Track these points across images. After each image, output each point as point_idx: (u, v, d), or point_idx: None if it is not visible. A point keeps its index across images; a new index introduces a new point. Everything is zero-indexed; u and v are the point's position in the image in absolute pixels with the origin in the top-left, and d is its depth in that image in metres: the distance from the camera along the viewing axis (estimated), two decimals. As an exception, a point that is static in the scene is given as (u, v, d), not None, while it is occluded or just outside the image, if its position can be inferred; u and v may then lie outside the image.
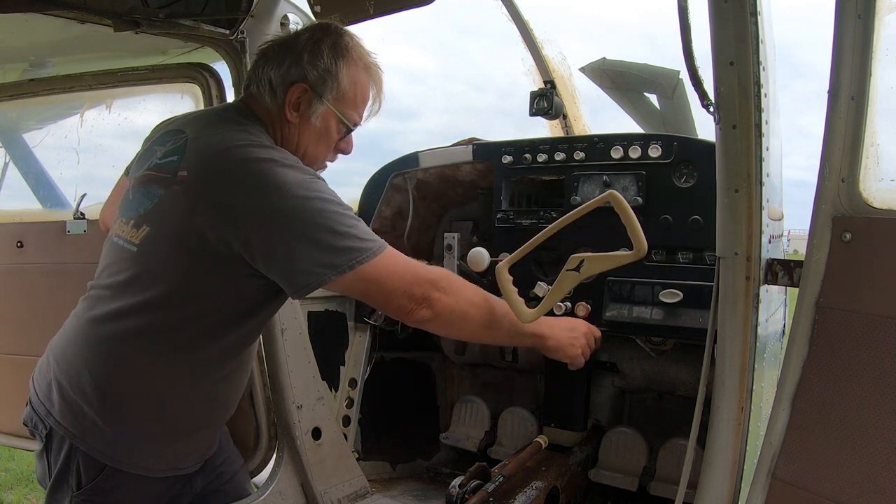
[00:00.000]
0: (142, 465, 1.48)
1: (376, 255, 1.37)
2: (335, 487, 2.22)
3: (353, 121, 1.55)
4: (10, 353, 2.63)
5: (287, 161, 1.39)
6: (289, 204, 1.32)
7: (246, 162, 1.36)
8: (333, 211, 1.35)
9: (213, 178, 1.38)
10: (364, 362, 2.52)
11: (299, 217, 1.33)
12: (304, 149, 1.53)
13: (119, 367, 1.43)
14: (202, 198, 1.36)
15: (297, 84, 1.47)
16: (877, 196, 1.20)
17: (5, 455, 4.28)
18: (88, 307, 1.50)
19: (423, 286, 1.42)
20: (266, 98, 1.50)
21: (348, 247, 1.35)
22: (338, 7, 1.77)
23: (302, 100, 1.48)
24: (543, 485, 1.89)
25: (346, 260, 1.34)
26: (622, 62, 2.68)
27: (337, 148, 1.59)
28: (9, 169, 2.90)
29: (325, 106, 1.48)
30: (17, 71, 2.43)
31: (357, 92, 1.52)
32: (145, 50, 2.21)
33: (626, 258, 1.56)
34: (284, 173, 1.35)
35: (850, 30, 1.16)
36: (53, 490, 1.49)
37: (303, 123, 1.50)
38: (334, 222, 1.34)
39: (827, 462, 1.24)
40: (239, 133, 1.42)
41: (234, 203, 1.34)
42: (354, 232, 1.37)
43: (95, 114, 2.65)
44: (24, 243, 2.57)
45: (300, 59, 1.47)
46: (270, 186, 1.33)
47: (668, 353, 2.18)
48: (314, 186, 1.37)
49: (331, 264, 1.33)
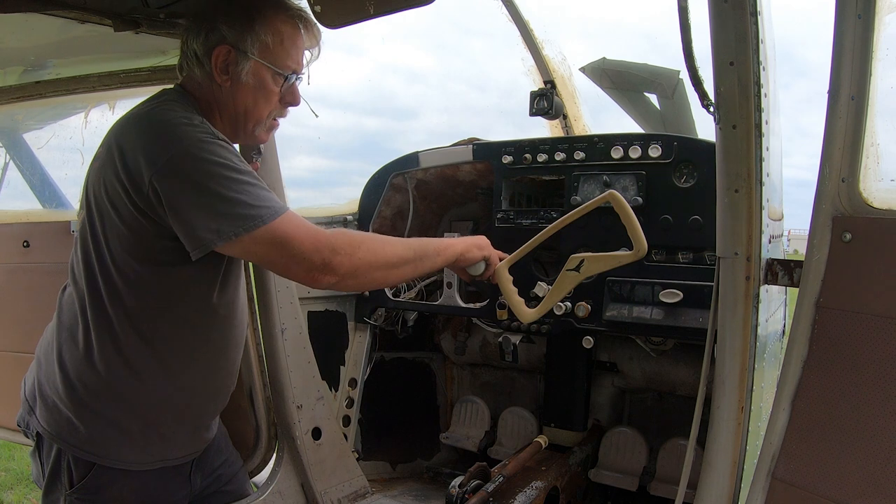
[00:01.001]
0: (127, 460, 1.47)
1: (266, 222, 1.34)
2: (335, 487, 2.22)
3: (290, 68, 1.52)
4: (16, 350, 2.65)
5: (189, 121, 1.38)
6: (183, 160, 1.31)
7: (147, 120, 1.38)
8: (226, 176, 1.33)
9: (115, 142, 1.40)
10: (364, 362, 2.52)
11: (191, 178, 1.32)
12: (244, 109, 1.51)
13: (80, 360, 1.43)
14: (108, 162, 1.38)
15: (219, 47, 1.46)
16: (877, 196, 1.19)
17: (5, 455, 4.28)
18: (60, 306, 1.53)
19: (323, 252, 1.39)
20: (196, 71, 1.50)
21: (237, 213, 1.32)
22: (338, 7, 1.76)
23: (228, 61, 1.46)
24: (543, 485, 1.89)
25: (231, 227, 1.32)
26: (622, 62, 2.68)
27: (283, 101, 1.56)
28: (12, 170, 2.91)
29: (252, 60, 1.47)
30: (16, 72, 2.43)
31: (283, 38, 1.50)
32: (145, 50, 2.21)
33: (626, 258, 1.56)
34: (183, 129, 1.35)
35: (850, 30, 1.16)
36: (48, 490, 1.49)
37: (235, 84, 1.48)
38: (224, 187, 1.32)
39: (827, 462, 1.23)
40: (152, 105, 1.45)
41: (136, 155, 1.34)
42: (244, 198, 1.33)
43: (99, 115, 2.66)
44: (31, 243, 2.59)
45: (216, 23, 1.46)
46: (167, 139, 1.33)
47: (668, 353, 2.18)
48: (211, 149, 1.35)
49: (217, 230, 1.32)
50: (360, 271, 1.45)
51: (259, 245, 1.35)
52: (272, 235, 1.35)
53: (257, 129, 1.55)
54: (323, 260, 1.39)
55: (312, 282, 1.42)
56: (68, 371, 1.44)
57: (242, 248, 1.36)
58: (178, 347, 1.50)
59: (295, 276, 1.45)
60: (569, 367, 2.28)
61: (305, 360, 2.19)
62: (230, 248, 1.35)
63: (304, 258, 1.38)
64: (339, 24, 1.65)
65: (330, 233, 1.43)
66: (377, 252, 1.49)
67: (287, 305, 2.11)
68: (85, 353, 1.43)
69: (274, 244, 1.36)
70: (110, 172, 1.37)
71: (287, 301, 2.11)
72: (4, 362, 2.69)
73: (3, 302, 2.68)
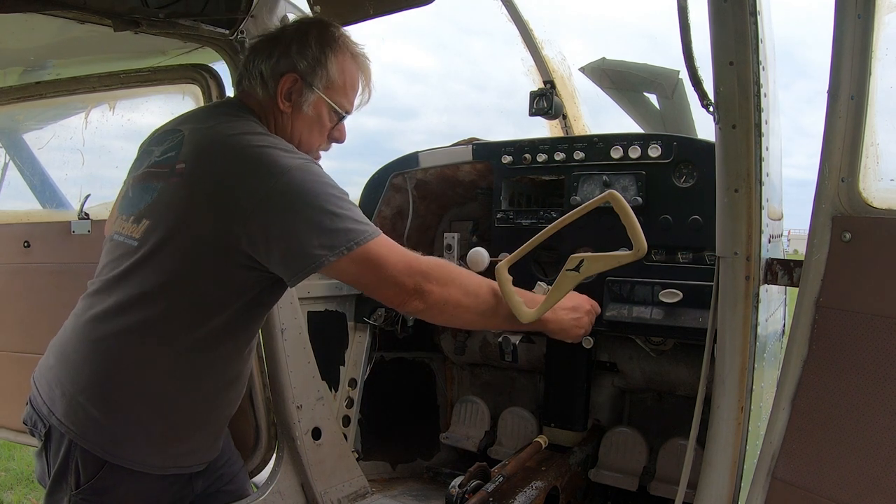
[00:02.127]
0: (142, 462, 1.48)
1: (372, 237, 1.38)
2: (335, 487, 2.22)
3: (345, 108, 1.59)
4: (17, 350, 2.65)
5: (283, 146, 1.41)
6: (286, 187, 1.34)
7: (242, 148, 1.39)
8: (330, 194, 1.37)
9: (210, 166, 1.40)
10: (364, 362, 2.52)
11: (297, 200, 1.34)
12: (299, 137, 1.56)
13: (119, 363, 1.43)
14: (200, 185, 1.39)
15: (288, 74, 1.50)
16: (877, 196, 1.19)
17: (5, 455, 4.28)
18: (88, 305, 1.50)
19: (415, 276, 1.42)
20: (258, 91, 1.53)
21: (346, 228, 1.35)
22: (338, 7, 1.77)
23: (293, 89, 1.51)
24: (543, 485, 1.89)
25: (343, 241, 1.34)
26: (622, 62, 2.68)
27: (330, 136, 1.62)
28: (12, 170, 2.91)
29: (316, 94, 1.52)
30: (16, 73, 2.43)
31: (346, 80, 1.56)
32: (145, 50, 2.21)
33: (625, 258, 1.56)
34: (281, 157, 1.37)
35: (850, 29, 1.16)
36: (52, 490, 1.49)
37: (295, 113, 1.53)
38: (332, 204, 1.35)
39: (827, 462, 1.23)
40: (234, 123, 1.46)
41: (232, 188, 1.35)
42: (351, 214, 1.38)
43: (99, 115, 2.66)
44: (31, 243, 2.59)
45: (289, 50, 1.51)
46: (267, 170, 1.35)
47: (668, 353, 2.18)
48: (311, 169, 1.39)
49: (329, 245, 1.34)
50: (450, 306, 1.47)
51: (356, 264, 1.37)
52: (369, 254, 1.37)
53: None
54: (415, 285, 1.41)
55: (401, 305, 1.44)
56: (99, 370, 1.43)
57: (341, 267, 1.37)
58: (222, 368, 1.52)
59: (386, 298, 1.46)
60: (569, 367, 2.27)
61: (305, 360, 2.19)
62: (329, 269, 1.37)
63: (396, 281, 1.40)
64: (339, 24, 1.65)
65: (424, 259, 1.46)
66: (470, 293, 1.51)
67: (287, 305, 2.11)
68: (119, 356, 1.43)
69: (370, 263, 1.38)
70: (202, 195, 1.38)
71: (287, 301, 2.11)
72: (4, 362, 2.69)
73: (4, 302, 2.68)
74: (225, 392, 1.59)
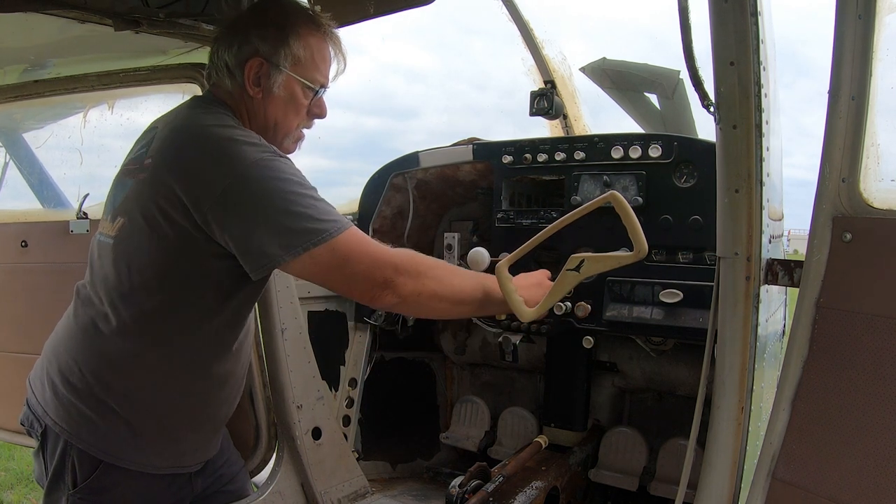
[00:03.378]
0: (138, 462, 1.48)
1: (333, 236, 1.34)
2: (335, 487, 2.22)
3: (318, 82, 1.55)
4: (14, 351, 2.64)
5: (248, 139, 1.39)
6: (245, 183, 1.32)
7: (205, 139, 1.38)
8: (290, 191, 1.33)
9: (173, 157, 1.39)
10: (364, 362, 2.52)
11: (256, 197, 1.32)
12: (275, 121, 1.53)
13: (106, 361, 1.44)
14: (164, 177, 1.38)
15: (252, 59, 1.47)
16: (877, 196, 1.20)
17: (5, 455, 4.28)
18: (77, 306, 1.52)
19: (385, 270, 1.38)
20: (227, 82, 1.51)
21: (304, 228, 1.32)
22: (338, 7, 1.77)
23: (260, 73, 1.48)
24: (543, 485, 1.89)
25: (300, 241, 1.31)
26: (622, 62, 2.68)
27: (310, 113, 1.58)
28: (11, 169, 2.91)
29: (284, 74, 1.49)
30: (16, 71, 2.42)
31: (313, 53, 1.52)
32: (145, 50, 2.21)
33: (626, 259, 1.56)
34: (243, 150, 1.35)
35: (850, 30, 1.16)
36: (50, 489, 1.49)
37: (266, 96, 1.50)
38: (290, 202, 1.32)
39: (827, 462, 1.23)
40: (203, 116, 1.45)
41: (193, 180, 1.34)
42: (311, 213, 1.33)
43: (98, 114, 2.66)
44: (28, 243, 2.58)
45: (249, 36, 1.48)
46: (228, 163, 1.33)
47: (668, 353, 2.18)
48: (273, 165, 1.35)
49: (286, 245, 1.31)
50: (424, 298, 1.43)
51: (321, 261, 1.34)
52: (335, 250, 1.34)
53: (286, 141, 1.57)
54: (385, 278, 1.37)
55: (373, 300, 1.40)
56: (89, 370, 1.43)
57: (303, 266, 1.34)
58: (207, 363, 1.50)
59: (357, 295, 1.44)
60: (569, 367, 2.28)
61: (305, 360, 2.19)
62: (294, 265, 1.34)
63: (364, 276, 1.36)
64: (339, 24, 1.65)
65: (394, 251, 1.42)
66: (444, 282, 1.48)
67: (287, 305, 2.11)
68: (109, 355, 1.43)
69: (336, 259, 1.35)
70: (165, 187, 1.36)
71: (287, 301, 2.11)
72: (2, 363, 2.69)
73: (1, 302, 2.68)
74: (217, 391, 1.57)
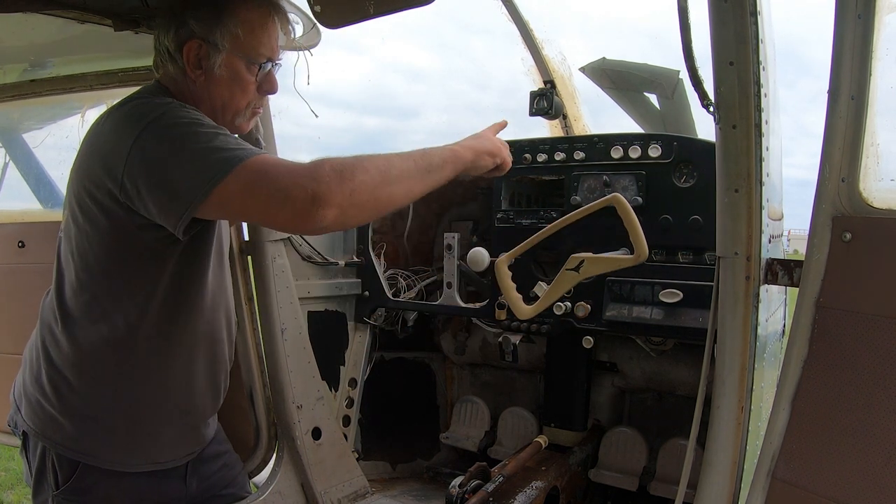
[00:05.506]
0: (113, 461, 1.46)
1: (236, 164, 1.22)
2: (335, 487, 2.22)
3: (263, 56, 1.48)
4: (10, 352, 2.63)
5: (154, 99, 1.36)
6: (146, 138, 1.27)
7: (116, 111, 1.37)
8: (189, 132, 1.27)
9: (92, 141, 1.40)
10: (364, 362, 2.52)
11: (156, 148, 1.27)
12: (221, 102, 1.48)
13: (65, 359, 1.43)
14: (85, 160, 1.39)
15: (189, 41, 1.43)
16: (877, 196, 1.19)
17: (5, 455, 4.28)
18: (44, 304, 1.53)
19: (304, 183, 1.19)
20: (170, 68, 1.48)
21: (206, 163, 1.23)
22: (338, 7, 1.76)
23: (200, 55, 1.44)
24: (543, 485, 1.89)
25: (205, 178, 1.22)
26: (622, 62, 2.68)
27: (260, 90, 1.53)
28: (9, 169, 2.91)
29: (224, 53, 1.44)
30: (16, 71, 2.42)
31: (254, 27, 1.45)
32: (145, 50, 2.21)
33: (625, 262, 1.56)
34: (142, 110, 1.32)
35: (850, 29, 1.16)
36: (36, 491, 1.49)
37: (209, 78, 1.46)
38: (187, 145, 1.25)
39: (827, 462, 1.23)
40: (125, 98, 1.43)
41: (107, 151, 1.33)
42: (214, 144, 1.24)
43: (96, 114, 2.65)
44: (26, 243, 2.58)
45: (184, 18, 1.44)
46: (131, 124, 1.31)
47: (668, 353, 2.18)
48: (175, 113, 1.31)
49: (192, 186, 1.23)
50: (359, 196, 1.23)
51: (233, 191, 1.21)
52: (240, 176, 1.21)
53: (237, 120, 1.52)
54: (308, 193, 1.18)
55: (307, 223, 1.21)
56: (51, 368, 1.44)
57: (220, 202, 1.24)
58: (156, 346, 1.47)
59: (285, 223, 1.28)
60: (569, 367, 2.28)
61: (305, 360, 2.19)
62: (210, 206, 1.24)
63: (285, 196, 1.19)
64: (340, 24, 1.65)
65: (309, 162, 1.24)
66: (372, 170, 1.27)
67: (287, 305, 2.11)
68: (67, 351, 1.43)
69: (246, 185, 1.21)
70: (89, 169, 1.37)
71: (287, 301, 2.11)
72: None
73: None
74: (181, 379, 1.53)
